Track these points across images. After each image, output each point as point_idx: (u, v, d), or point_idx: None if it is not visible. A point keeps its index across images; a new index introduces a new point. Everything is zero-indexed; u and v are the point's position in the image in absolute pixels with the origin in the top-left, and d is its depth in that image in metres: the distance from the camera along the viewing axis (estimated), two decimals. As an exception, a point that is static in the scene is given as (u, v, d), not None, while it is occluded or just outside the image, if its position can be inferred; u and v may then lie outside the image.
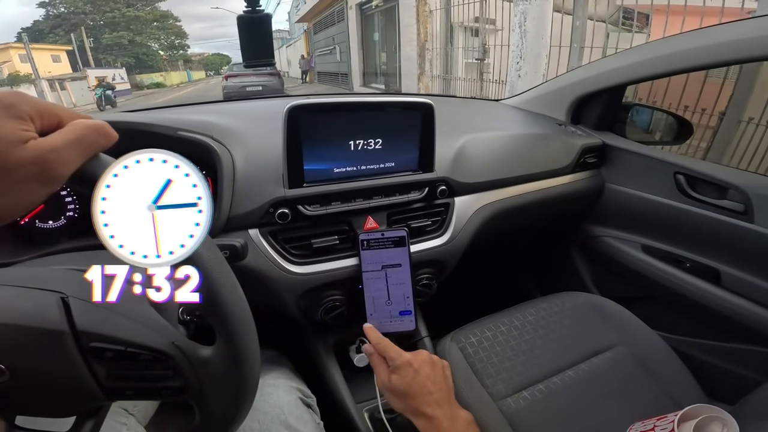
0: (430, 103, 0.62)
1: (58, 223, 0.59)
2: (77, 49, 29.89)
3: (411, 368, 0.50)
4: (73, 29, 33.79)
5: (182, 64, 48.63)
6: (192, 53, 59.90)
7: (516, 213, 0.82)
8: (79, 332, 0.31)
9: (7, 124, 0.21)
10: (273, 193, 0.58)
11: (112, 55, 38.33)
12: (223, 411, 0.35)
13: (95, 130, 0.25)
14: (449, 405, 0.48)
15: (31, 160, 0.21)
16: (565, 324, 0.75)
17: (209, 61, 66.68)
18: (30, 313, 0.31)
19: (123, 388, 0.33)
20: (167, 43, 46.51)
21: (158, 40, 44.98)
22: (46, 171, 0.22)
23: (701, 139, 2.37)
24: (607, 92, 0.96)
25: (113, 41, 38.87)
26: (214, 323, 0.32)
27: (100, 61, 34.97)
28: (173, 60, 47.29)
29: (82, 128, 0.24)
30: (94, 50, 35.76)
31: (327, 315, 0.65)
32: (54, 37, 34.59)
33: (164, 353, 0.32)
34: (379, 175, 0.64)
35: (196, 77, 46.92)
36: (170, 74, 38.43)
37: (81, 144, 0.24)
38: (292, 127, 0.55)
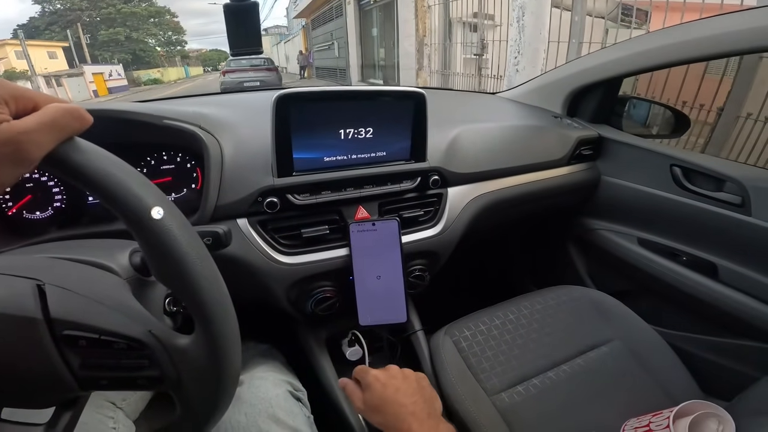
0: (421, 92, 0.61)
1: (45, 213, 0.59)
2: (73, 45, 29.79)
3: (378, 383, 0.50)
4: (69, 26, 33.70)
5: (179, 60, 48.52)
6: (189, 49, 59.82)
7: (511, 204, 0.81)
8: (53, 320, 0.30)
9: None
10: (262, 182, 0.57)
11: (109, 52, 38.23)
12: (202, 402, 0.34)
13: (69, 113, 0.25)
14: (428, 417, 0.47)
15: (2, 142, 0.21)
16: (560, 318, 0.75)
17: (207, 57, 66.51)
18: (3, 300, 0.30)
19: (97, 378, 0.32)
20: (164, 39, 46.38)
21: (155, 36, 44.84)
22: (18, 152, 0.22)
23: (699, 135, 2.37)
24: (604, 84, 0.95)
25: (110, 37, 38.76)
26: (192, 311, 0.31)
27: (97, 57, 34.93)
28: (170, 56, 47.17)
29: (55, 111, 0.24)
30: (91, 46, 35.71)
31: (317, 307, 0.64)
32: (50, 34, 34.52)
33: (139, 341, 0.31)
34: (370, 165, 0.63)
35: (193, 73, 46.79)
36: (167, 70, 38.27)
37: (54, 127, 0.24)
38: (281, 116, 0.54)
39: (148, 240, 0.29)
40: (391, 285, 0.63)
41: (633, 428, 0.56)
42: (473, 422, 0.59)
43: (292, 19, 25.63)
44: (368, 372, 0.52)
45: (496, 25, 4.23)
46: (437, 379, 0.66)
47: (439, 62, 5.39)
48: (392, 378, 0.50)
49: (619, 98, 1.00)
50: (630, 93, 1.10)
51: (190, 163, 0.63)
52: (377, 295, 0.63)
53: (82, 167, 0.27)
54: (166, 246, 0.29)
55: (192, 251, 0.30)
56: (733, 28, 0.69)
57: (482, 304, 0.78)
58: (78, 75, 18.09)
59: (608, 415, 0.60)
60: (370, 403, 0.49)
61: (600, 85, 0.95)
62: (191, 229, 0.32)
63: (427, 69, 5.63)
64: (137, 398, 0.61)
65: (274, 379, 0.59)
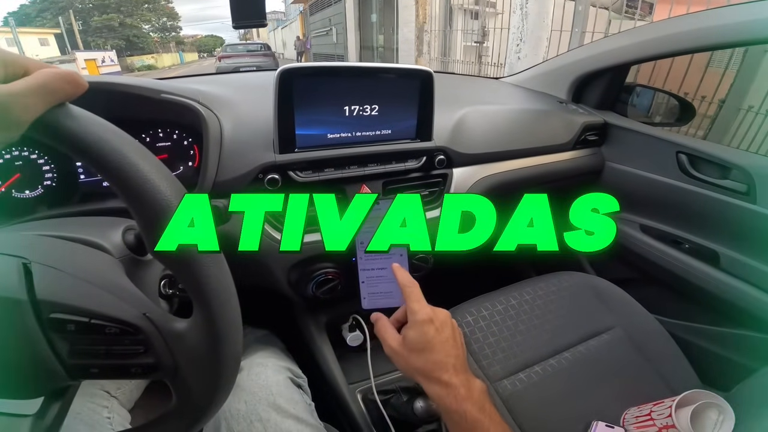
0: (429, 70, 0.59)
1: (35, 192, 0.56)
2: (65, 32, 29.22)
3: (432, 325, 0.45)
4: (60, 12, 33.02)
5: (174, 46, 47.67)
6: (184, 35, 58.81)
7: (515, 187, 0.80)
8: (39, 301, 0.28)
9: None
10: (263, 158, 0.55)
11: (102, 38, 37.52)
12: (201, 391, 0.32)
13: (61, 77, 0.24)
14: (465, 372, 0.45)
15: None
16: (562, 304, 0.74)
17: (202, 43, 65.48)
18: None
19: (87, 366, 0.29)
20: (159, 25, 45.54)
21: (149, 22, 44.03)
22: (6, 115, 0.22)
23: (698, 127, 2.37)
24: (610, 71, 0.94)
25: (103, 24, 38.01)
26: (190, 291, 0.29)
27: (90, 43, 34.28)
28: (165, 42, 46.35)
29: (46, 75, 0.23)
30: (83, 33, 35.08)
31: (318, 289, 0.62)
32: (41, 21, 33.88)
33: (133, 326, 0.29)
34: (375, 143, 0.61)
35: (188, 59, 46.04)
36: (162, 56, 37.57)
37: (45, 90, 0.23)
38: (284, 91, 0.52)
39: (142, 210, 0.27)
40: (395, 267, 0.62)
41: (634, 417, 0.56)
42: None
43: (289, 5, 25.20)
44: (422, 307, 0.46)
45: (498, 13, 4.18)
46: None
47: (439, 49, 5.33)
48: (445, 326, 0.46)
49: (624, 86, 0.99)
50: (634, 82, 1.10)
51: (187, 141, 0.61)
52: (381, 278, 0.62)
53: (72, 133, 0.25)
54: (164, 218, 0.27)
55: None
56: (739, 19, 0.68)
57: (484, 289, 0.78)
58: (70, 61, 17.72)
59: (609, 403, 0.60)
60: (414, 343, 0.44)
61: (606, 71, 0.94)
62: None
63: (427, 56, 5.57)
64: (132, 387, 0.60)
65: (274, 365, 0.58)
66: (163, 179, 0.28)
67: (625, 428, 0.56)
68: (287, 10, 30.32)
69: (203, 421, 0.34)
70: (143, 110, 0.57)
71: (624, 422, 0.57)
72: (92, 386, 0.55)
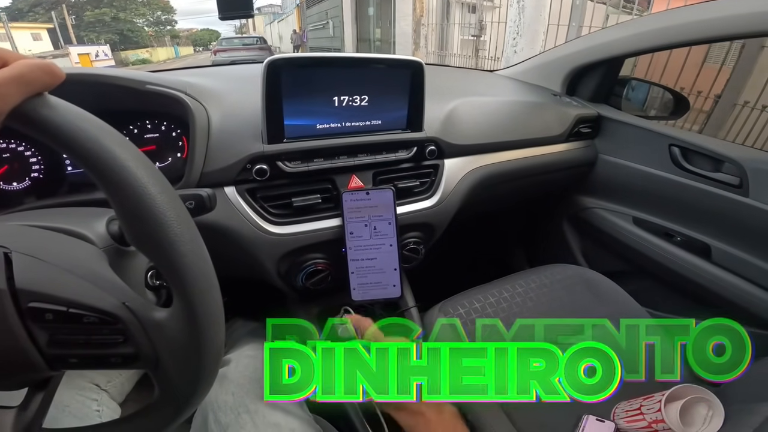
0: (419, 61, 0.59)
1: (22, 184, 0.56)
2: (58, 26, 28.87)
3: None
4: (53, 7, 32.63)
5: (169, 40, 47.20)
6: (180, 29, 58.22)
7: (507, 178, 0.80)
8: (18, 290, 0.27)
9: None
10: (251, 149, 0.55)
11: (95, 32, 37.13)
12: (182, 382, 0.32)
13: (39, 67, 0.24)
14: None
15: None
16: (554, 297, 0.74)
17: (198, 37, 64.87)
18: None
19: (66, 356, 0.29)
20: (153, 19, 45.02)
21: (143, 16, 43.53)
22: None
23: (694, 122, 2.37)
24: (605, 64, 0.93)
25: (96, 18, 37.59)
26: (169, 279, 0.28)
27: (83, 38, 33.94)
28: (160, 36, 45.88)
29: (23, 66, 0.23)
30: (76, 27, 34.69)
31: (308, 280, 0.62)
32: (34, 16, 33.51)
33: (112, 315, 0.28)
34: (364, 133, 0.61)
35: (183, 53, 45.60)
36: (156, 50, 37.22)
37: (21, 80, 0.23)
38: (272, 81, 0.52)
39: (120, 199, 0.26)
40: (386, 258, 0.61)
41: (624, 411, 0.57)
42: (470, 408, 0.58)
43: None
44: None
45: (495, 7, 4.16)
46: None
47: (436, 43, 5.31)
48: None
49: (619, 79, 0.99)
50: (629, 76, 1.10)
51: (176, 132, 0.61)
52: (371, 268, 0.62)
53: (50, 122, 0.24)
54: (141, 205, 0.26)
55: (170, 212, 0.27)
56: (737, 11, 0.67)
57: (477, 281, 0.77)
58: (63, 56, 17.51)
59: None
60: None
61: (601, 64, 0.93)
62: (170, 189, 0.29)
63: (424, 49, 5.55)
64: (123, 380, 0.60)
65: (264, 357, 0.58)
66: (141, 167, 0.27)
67: (615, 422, 0.56)
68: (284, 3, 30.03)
69: (186, 412, 0.33)
70: (129, 102, 0.56)
71: (614, 416, 0.58)
72: (82, 379, 0.54)
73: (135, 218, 0.27)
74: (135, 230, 0.28)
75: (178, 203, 0.29)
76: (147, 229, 0.27)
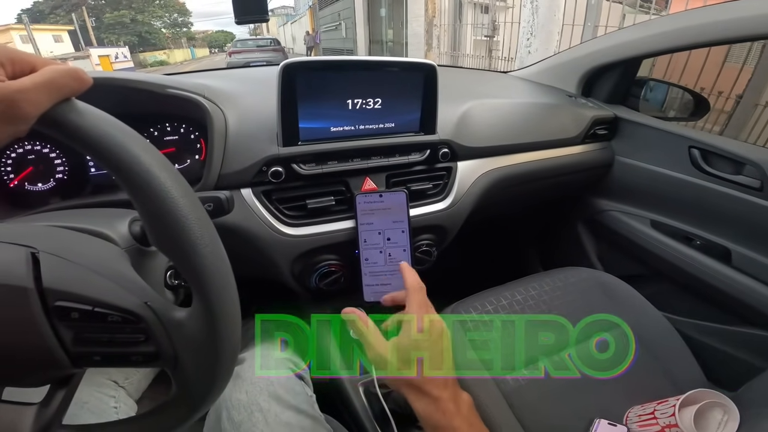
0: (432, 64, 0.59)
1: (47, 185, 0.58)
2: (79, 28, 29.55)
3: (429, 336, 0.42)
4: (74, 9, 33.42)
5: (186, 42, 48.07)
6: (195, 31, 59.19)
7: (521, 181, 0.79)
8: (45, 290, 0.28)
9: None
10: (266, 151, 0.56)
11: (115, 34, 37.95)
12: (199, 380, 0.32)
13: (67, 73, 0.25)
14: (454, 385, 0.42)
15: None
16: (568, 300, 0.73)
17: (213, 39, 65.89)
18: None
19: (90, 354, 0.30)
20: (170, 21, 45.90)
21: (161, 18, 44.40)
22: (12, 109, 0.22)
23: (715, 122, 2.32)
24: (622, 65, 0.92)
25: (115, 20, 38.44)
26: (189, 279, 0.29)
27: (103, 40, 34.69)
28: (176, 38, 46.77)
29: (53, 72, 0.24)
30: (96, 29, 35.45)
31: (322, 281, 0.63)
32: (55, 18, 34.35)
33: (135, 314, 0.29)
34: (378, 136, 0.61)
35: (199, 54, 46.39)
36: (173, 52, 37.98)
37: (51, 86, 0.24)
38: (288, 84, 0.53)
39: (144, 201, 0.27)
40: (398, 259, 0.62)
41: (637, 415, 0.56)
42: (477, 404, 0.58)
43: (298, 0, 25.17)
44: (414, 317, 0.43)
45: (508, 7, 4.13)
46: None
47: (449, 43, 5.29)
48: (440, 337, 0.43)
49: (636, 80, 0.97)
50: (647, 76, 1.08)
51: (194, 134, 0.62)
52: (383, 270, 0.62)
53: (78, 127, 0.25)
54: (165, 209, 0.27)
55: (191, 215, 0.28)
56: (760, 12, 0.66)
57: (489, 283, 0.77)
58: (84, 58, 17.96)
59: (613, 401, 0.59)
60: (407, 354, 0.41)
61: (618, 65, 0.92)
62: (191, 192, 0.30)
63: (436, 50, 5.53)
64: (140, 377, 0.61)
65: (277, 357, 0.58)
66: (164, 171, 0.28)
67: (627, 427, 0.55)
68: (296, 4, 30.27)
69: (202, 410, 0.34)
70: (150, 105, 0.57)
71: (627, 420, 0.57)
72: (100, 376, 0.55)
73: (158, 221, 0.28)
74: (158, 232, 0.28)
75: (198, 206, 0.30)
76: (169, 231, 0.28)
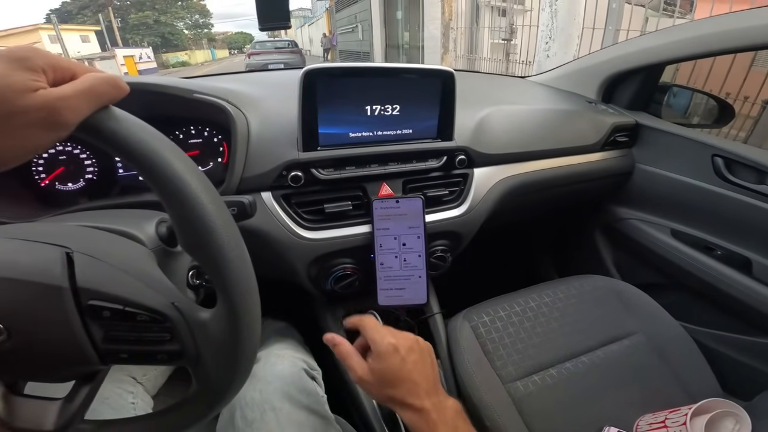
0: (450, 70, 0.59)
1: (77, 185, 0.60)
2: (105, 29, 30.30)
3: (397, 355, 0.44)
4: (100, 9, 34.36)
5: (206, 43, 48.98)
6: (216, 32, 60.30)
7: (539, 188, 0.79)
8: (79, 289, 0.29)
9: (17, 74, 0.22)
10: (287, 156, 0.57)
11: (139, 35, 38.97)
12: (219, 378, 0.33)
13: (107, 81, 0.25)
14: (437, 394, 0.44)
15: (38, 106, 0.22)
16: (582, 308, 0.73)
17: (232, 40, 67.02)
18: (30, 268, 0.29)
19: (118, 351, 0.31)
20: (191, 22, 46.88)
21: (182, 19, 45.39)
22: (53, 116, 0.23)
23: (740, 129, 2.25)
24: (644, 71, 0.90)
25: (139, 21, 39.45)
26: (215, 282, 0.30)
27: (128, 40, 35.62)
28: (197, 39, 47.76)
29: (93, 79, 0.25)
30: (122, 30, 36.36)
31: (337, 284, 0.64)
32: (82, 18, 35.33)
33: (163, 314, 0.30)
34: (395, 142, 0.62)
35: (219, 55, 47.24)
36: (194, 53, 38.79)
37: (91, 93, 0.25)
38: (308, 90, 0.54)
39: (175, 206, 0.28)
40: (413, 265, 0.62)
41: (648, 424, 0.55)
42: (486, 409, 0.58)
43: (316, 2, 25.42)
44: (383, 338, 0.45)
45: (526, 10, 4.09)
46: (453, 363, 0.66)
47: (465, 46, 5.26)
48: (411, 352, 0.45)
49: (659, 85, 0.96)
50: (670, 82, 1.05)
51: (217, 137, 0.64)
52: (398, 274, 0.63)
53: (116, 134, 0.26)
54: (194, 214, 0.28)
55: (219, 221, 0.29)
56: None
57: (502, 289, 0.77)
58: (110, 58, 18.48)
59: (624, 409, 0.59)
60: (382, 376, 0.44)
61: (640, 71, 0.90)
62: (219, 198, 0.31)
63: (453, 53, 5.51)
64: (157, 374, 0.62)
65: (291, 357, 0.59)
66: (194, 177, 0.29)
67: None
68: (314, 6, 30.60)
69: (219, 407, 0.35)
70: (177, 109, 0.59)
71: (637, 428, 0.56)
72: (119, 372, 0.57)
73: (188, 225, 0.29)
74: (187, 236, 0.30)
75: (225, 211, 0.31)
76: (198, 236, 0.29)
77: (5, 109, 0.22)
